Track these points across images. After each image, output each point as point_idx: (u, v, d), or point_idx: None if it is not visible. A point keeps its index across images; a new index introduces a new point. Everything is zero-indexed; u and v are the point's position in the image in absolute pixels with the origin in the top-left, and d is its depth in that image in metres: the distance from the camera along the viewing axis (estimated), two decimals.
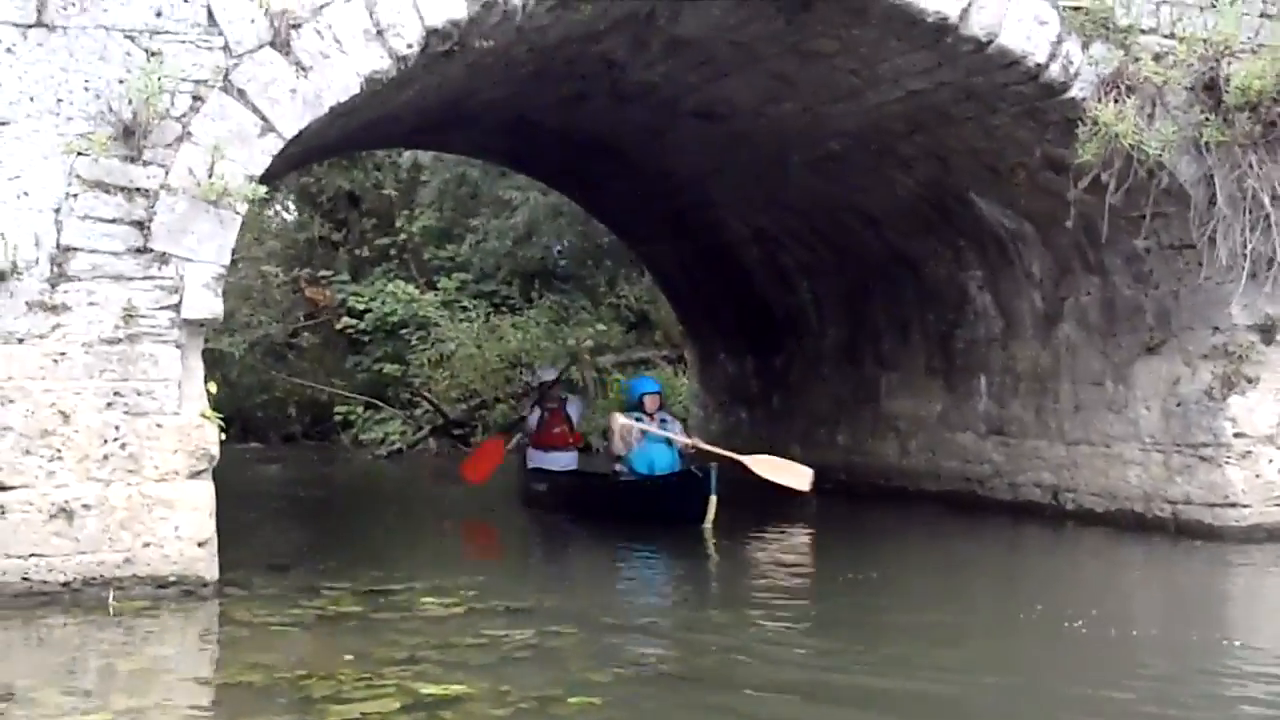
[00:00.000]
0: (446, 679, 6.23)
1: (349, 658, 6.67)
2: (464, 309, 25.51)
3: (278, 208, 28.23)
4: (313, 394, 25.74)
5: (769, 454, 13.11)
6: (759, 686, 6.36)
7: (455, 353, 24.22)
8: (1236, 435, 11.09)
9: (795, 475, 12.71)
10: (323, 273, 27.12)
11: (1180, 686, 6.44)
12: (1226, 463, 11.10)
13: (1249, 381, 11.13)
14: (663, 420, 13.34)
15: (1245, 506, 11.06)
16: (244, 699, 6.01)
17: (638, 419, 13.15)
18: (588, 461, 15.31)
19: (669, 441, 13.11)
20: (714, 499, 11.74)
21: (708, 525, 11.73)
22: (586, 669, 6.63)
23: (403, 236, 27.28)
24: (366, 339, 26.11)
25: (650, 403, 13.30)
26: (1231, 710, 6.11)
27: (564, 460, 14.72)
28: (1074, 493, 12.53)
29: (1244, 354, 11.10)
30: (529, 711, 5.77)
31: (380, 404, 24.85)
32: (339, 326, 26.39)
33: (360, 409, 24.98)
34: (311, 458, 23.00)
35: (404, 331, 25.40)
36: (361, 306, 25.94)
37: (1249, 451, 11.10)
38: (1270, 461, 11.14)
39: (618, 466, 13.29)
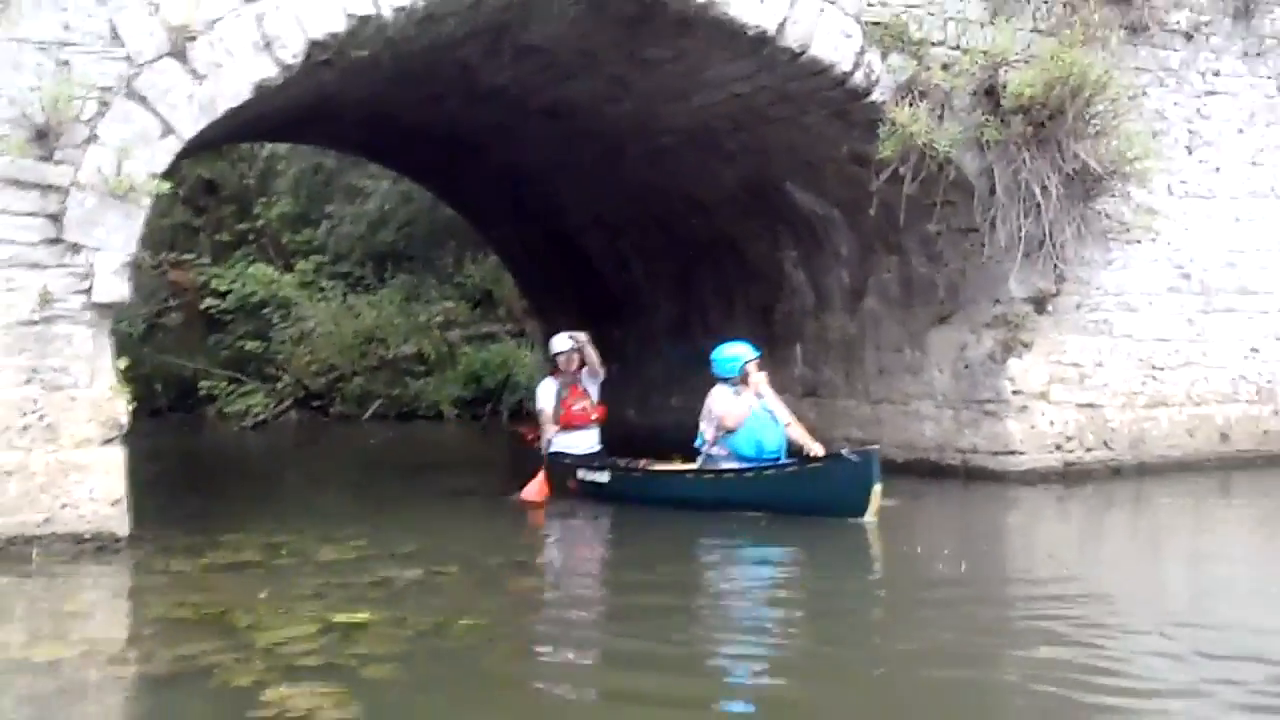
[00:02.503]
0: (352, 609, 6.68)
1: (263, 595, 7.09)
2: (321, 289, 25.66)
3: None
4: (177, 370, 25.53)
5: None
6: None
7: (314, 330, 24.42)
8: (1014, 393, 11.93)
9: None
10: (185, 256, 26.95)
11: (988, 624, 6.49)
12: (1006, 416, 11.94)
13: (1024, 346, 11.98)
14: (759, 397, 10.75)
15: (1023, 454, 11.93)
16: (180, 630, 6.41)
17: (735, 393, 10.70)
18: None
19: (773, 415, 10.73)
20: (878, 487, 9.73)
21: (871, 518, 9.69)
22: (474, 599, 7.16)
23: (261, 222, 27.20)
24: (229, 318, 26.02)
25: (754, 370, 10.80)
26: (1015, 662, 5.91)
27: (588, 441, 12.13)
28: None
29: (1020, 323, 11.94)
30: (428, 632, 6.30)
31: (243, 378, 24.82)
32: (203, 307, 26.28)
33: (224, 384, 24.91)
34: (179, 430, 22.84)
35: (265, 311, 25.42)
36: (224, 288, 25.85)
37: (1025, 406, 11.96)
38: (1043, 414, 12.02)
39: (713, 450, 10.76)
